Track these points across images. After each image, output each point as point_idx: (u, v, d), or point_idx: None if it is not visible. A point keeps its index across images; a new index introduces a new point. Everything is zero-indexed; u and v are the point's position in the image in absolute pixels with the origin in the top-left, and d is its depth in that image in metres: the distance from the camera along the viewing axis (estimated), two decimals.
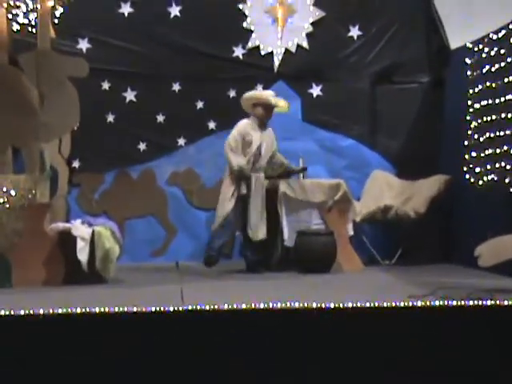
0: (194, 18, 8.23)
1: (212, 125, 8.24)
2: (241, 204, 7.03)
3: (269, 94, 7.26)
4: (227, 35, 8.29)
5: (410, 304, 4.70)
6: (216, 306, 4.60)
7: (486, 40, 7.24)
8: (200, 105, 8.25)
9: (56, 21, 7.41)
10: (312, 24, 8.41)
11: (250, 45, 8.37)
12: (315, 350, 4.50)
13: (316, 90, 8.48)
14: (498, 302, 4.70)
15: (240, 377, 4.46)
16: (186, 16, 8.26)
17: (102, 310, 4.52)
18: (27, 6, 7.02)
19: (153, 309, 4.55)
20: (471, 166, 7.39)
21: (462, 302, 4.73)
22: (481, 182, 7.17)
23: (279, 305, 4.65)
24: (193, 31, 8.25)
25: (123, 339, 4.44)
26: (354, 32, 8.47)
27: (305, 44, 8.42)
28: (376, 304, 4.67)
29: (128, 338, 4.45)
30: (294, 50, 8.41)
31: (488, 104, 7.13)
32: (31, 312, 4.47)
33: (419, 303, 4.71)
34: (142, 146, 8.28)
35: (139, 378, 4.43)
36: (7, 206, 6.17)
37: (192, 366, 4.45)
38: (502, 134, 6.86)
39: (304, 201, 7.32)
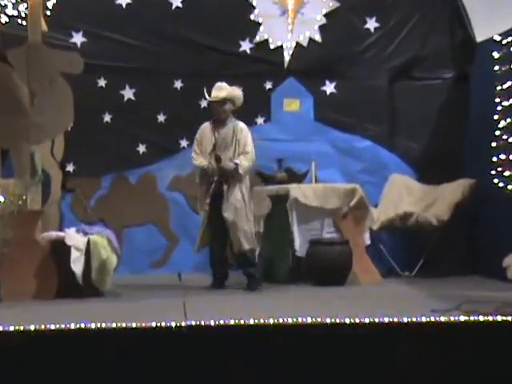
0: (197, 9, 8.25)
1: None
2: (216, 213, 6.80)
3: (213, 89, 6.94)
4: (233, 28, 8.30)
5: (433, 319, 4.68)
6: (222, 322, 4.59)
7: None
8: (204, 103, 8.24)
9: (48, 12, 7.44)
10: (325, 15, 8.41)
11: (257, 38, 8.38)
12: (330, 369, 4.48)
13: (329, 87, 8.47)
14: None
15: None
16: (188, 7, 8.27)
17: (99, 325, 4.51)
18: None
19: (153, 324, 4.55)
20: (499, 169, 7.36)
21: (490, 318, 4.70)
22: (510, 187, 7.14)
23: (290, 320, 4.64)
24: (196, 24, 8.26)
25: (122, 357, 4.43)
26: (371, 24, 8.47)
27: (317, 37, 8.42)
28: (395, 319, 4.65)
29: (127, 356, 4.44)
30: (305, 43, 8.41)
31: None
32: (21, 328, 4.47)
33: (442, 318, 4.70)
34: (142, 148, 8.29)
35: None
36: None
37: None
38: None
39: (317, 207, 7.31)
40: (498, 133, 7.44)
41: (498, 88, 7.47)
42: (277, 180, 7.76)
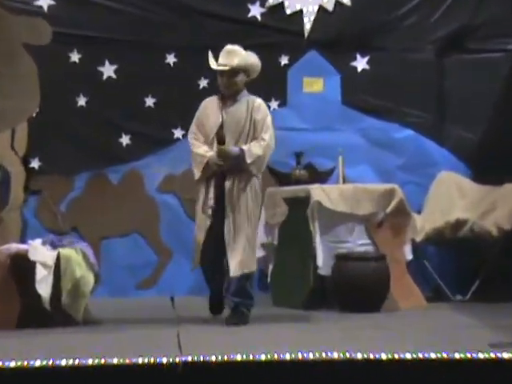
0: None
1: None
2: (219, 220, 6.39)
3: (222, 53, 6.53)
4: None
5: (492, 356, 4.65)
6: (225, 357, 4.57)
7: None
8: (204, 83, 8.25)
9: None
10: None
11: (270, 1, 8.39)
12: None
13: (361, 63, 8.48)
14: None
15: None
16: None
17: (71, 362, 4.50)
18: None
19: (140, 361, 4.53)
20: None
21: None
22: None
23: (311, 355, 4.63)
24: None
25: None
26: None
27: (346, 0, 8.43)
28: (444, 355, 4.62)
29: None
30: (331, 7, 8.42)
31: None
32: None
33: (505, 355, 4.66)
34: (125, 140, 8.29)
35: None
36: None
37: None
38: None
39: (345, 213, 7.31)
40: None
41: None
42: (295, 179, 7.76)
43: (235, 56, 6.45)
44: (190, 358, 4.58)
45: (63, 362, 4.51)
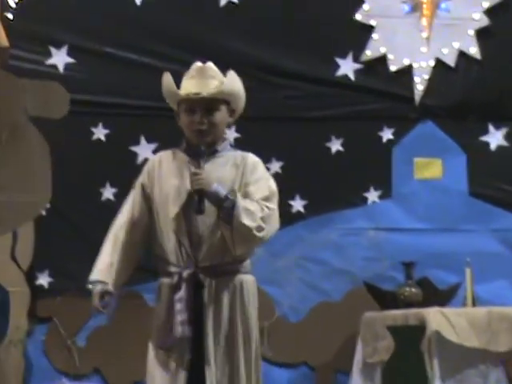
0: (261, 5, 8.40)
1: (298, 204, 8.30)
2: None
3: (189, 72, 5.62)
4: (326, 38, 8.48)
5: None
6: None
7: None
8: (276, 167, 8.28)
9: (10, 16, 7.63)
10: (488, 12, 8.52)
11: (368, 54, 8.53)
12: None
13: (496, 137, 8.55)
14: None
15: None
16: (247, 2, 8.43)
17: None
18: None
19: None
20: None
21: None
22: None
23: None
24: (258, 29, 8.44)
25: None
26: None
27: (473, 50, 8.51)
28: None
29: None
30: (452, 61, 8.51)
31: None
32: None
33: None
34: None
35: None
36: None
37: None
38: None
39: (476, 349, 7.26)
40: None
41: None
42: (404, 300, 7.72)
43: (214, 78, 5.50)
44: None
45: None
